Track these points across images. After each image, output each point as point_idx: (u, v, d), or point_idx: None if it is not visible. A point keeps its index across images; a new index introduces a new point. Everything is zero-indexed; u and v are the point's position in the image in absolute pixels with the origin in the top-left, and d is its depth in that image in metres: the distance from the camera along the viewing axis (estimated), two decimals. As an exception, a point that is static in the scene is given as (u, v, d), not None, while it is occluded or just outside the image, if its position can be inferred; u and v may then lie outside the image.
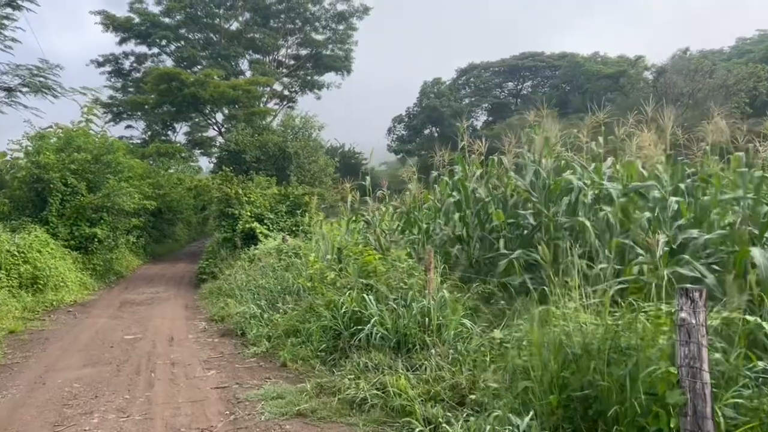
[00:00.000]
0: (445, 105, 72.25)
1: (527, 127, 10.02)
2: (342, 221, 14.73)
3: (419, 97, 76.90)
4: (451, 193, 9.76)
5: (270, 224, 18.70)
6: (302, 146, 30.25)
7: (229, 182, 19.37)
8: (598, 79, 62.96)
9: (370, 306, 7.52)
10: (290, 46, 53.49)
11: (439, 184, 11.20)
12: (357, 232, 13.15)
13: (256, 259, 15.48)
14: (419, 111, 76.02)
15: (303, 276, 11.08)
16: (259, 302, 11.07)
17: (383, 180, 13.40)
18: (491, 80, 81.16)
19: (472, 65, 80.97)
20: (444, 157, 11.51)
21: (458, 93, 78.37)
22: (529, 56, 79.08)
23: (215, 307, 12.79)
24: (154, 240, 28.68)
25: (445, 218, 9.90)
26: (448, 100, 73.59)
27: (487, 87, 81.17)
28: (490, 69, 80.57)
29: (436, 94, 75.33)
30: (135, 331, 11.14)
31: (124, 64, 47.80)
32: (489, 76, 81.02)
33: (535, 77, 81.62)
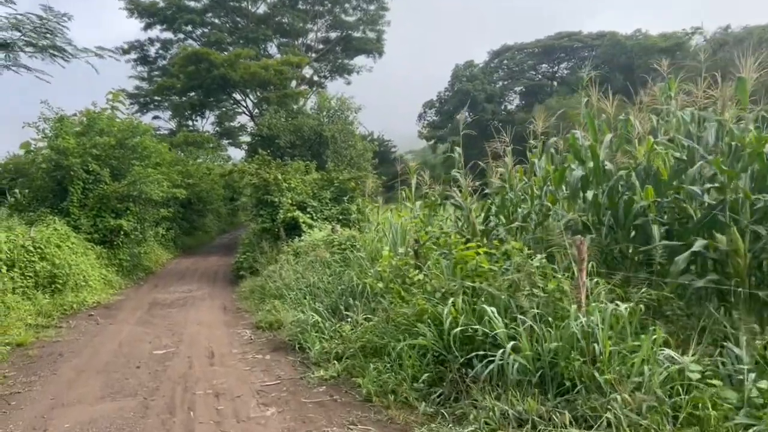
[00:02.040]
0: (478, 88, 69.53)
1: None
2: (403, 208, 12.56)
3: (451, 80, 74.34)
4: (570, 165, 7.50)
5: (313, 213, 16.62)
6: (339, 129, 28.11)
7: (267, 167, 17.32)
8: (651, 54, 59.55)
9: (494, 321, 5.33)
10: (319, 29, 51.46)
11: (544, 155, 8.87)
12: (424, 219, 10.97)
13: (302, 253, 13.42)
14: (451, 95, 73.37)
15: (370, 274, 8.95)
16: (316, 307, 8.97)
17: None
18: (525, 62, 78.09)
19: (506, 47, 77.95)
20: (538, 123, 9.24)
21: (491, 76, 75.58)
22: (566, 36, 75.81)
23: (260, 311, 10.75)
24: (184, 232, 26.90)
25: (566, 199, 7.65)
26: (481, 83, 70.83)
27: (521, 69, 78.13)
28: (524, 50, 77.48)
29: (469, 78, 72.66)
30: (166, 343, 9.14)
31: (149, 51, 46.25)
32: (523, 58, 77.96)
33: (571, 58, 78.31)
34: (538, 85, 76.57)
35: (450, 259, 7.33)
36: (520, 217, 8.36)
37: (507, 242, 7.03)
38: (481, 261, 6.78)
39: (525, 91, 77.23)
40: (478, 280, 6.77)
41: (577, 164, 7.44)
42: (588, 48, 74.94)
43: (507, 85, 77.06)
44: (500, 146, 8.92)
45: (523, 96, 77.00)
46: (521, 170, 9.05)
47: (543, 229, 7.80)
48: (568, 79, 74.47)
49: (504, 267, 6.43)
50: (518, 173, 9.06)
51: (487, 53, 78.08)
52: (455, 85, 72.63)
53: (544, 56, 77.32)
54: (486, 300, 5.95)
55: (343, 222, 15.92)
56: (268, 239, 16.04)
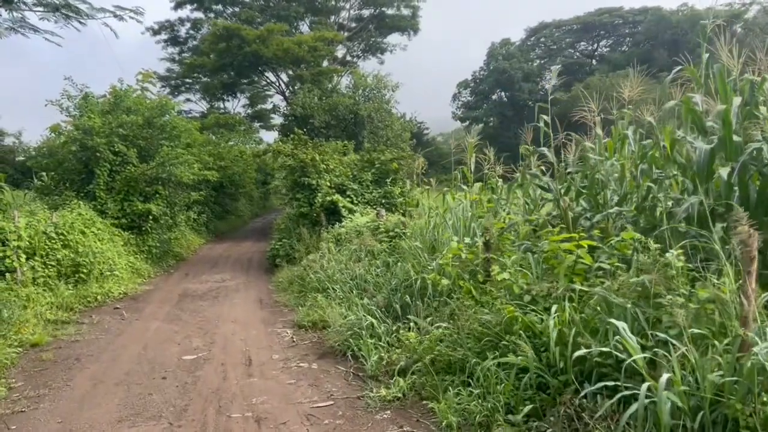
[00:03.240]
0: (515, 67, 67.21)
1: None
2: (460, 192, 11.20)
3: (487, 59, 72.08)
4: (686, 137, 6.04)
5: (354, 196, 15.37)
6: (375, 109, 26.77)
7: (304, 146, 16.09)
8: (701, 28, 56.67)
9: (627, 342, 3.98)
10: (352, 6, 49.92)
11: (630, 129, 7.42)
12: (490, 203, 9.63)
13: (344, 240, 12.21)
14: (486, 75, 71.17)
15: (430, 268, 7.67)
16: (368, 305, 7.73)
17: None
18: (563, 40, 75.42)
19: (543, 24, 75.34)
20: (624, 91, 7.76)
21: (528, 54, 73.14)
22: (606, 12, 72.81)
23: (301, 307, 9.58)
24: (216, 216, 25.94)
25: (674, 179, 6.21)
26: (518, 61, 68.46)
27: (558, 47, 75.51)
28: (562, 27, 74.78)
29: (505, 56, 70.27)
30: (197, 345, 8.01)
31: (179, 32, 45.32)
32: (561, 36, 75.32)
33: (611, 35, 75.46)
34: (578, 63, 73.83)
35: (538, 252, 6.00)
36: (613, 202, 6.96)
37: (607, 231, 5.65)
38: (582, 256, 5.44)
39: (563, 70, 74.49)
40: (577, 280, 5.44)
41: (696, 135, 6.01)
42: (630, 24, 72.01)
43: (544, 64, 74.48)
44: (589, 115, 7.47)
45: (561, 75, 74.33)
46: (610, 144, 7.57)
47: (646, 216, 6.40)
48: (609, 57, 71.71)
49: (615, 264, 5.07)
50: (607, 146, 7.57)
51: (524, 31, 75.67)
52: (491, 64, 70.35)
53: (583, 33, 74.59)
54: (601, 309, 4.61)
55: (387, 206, 14.64)
56: (306, 225, 14.85)
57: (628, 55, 68.17)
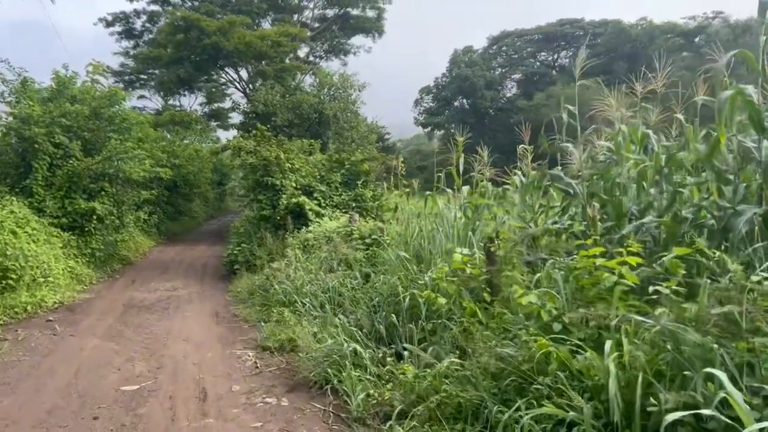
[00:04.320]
0: (478, 75, 67.02)
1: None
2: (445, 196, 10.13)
3: (449, 66, 71.71)
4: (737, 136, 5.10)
5: (322, 199, 14.17)
6: (341, 108, 25.60)
7: (268, 143, 14.81)
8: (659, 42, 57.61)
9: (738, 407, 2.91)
10: (315, 6, 48.71)
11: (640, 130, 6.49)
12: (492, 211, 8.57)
13: (312, 247, 11.02)
14: (449, 81, 70.82)
15: (421, 283, 6.56)
16: (347, 326, 6.57)
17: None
18: (524, 49, 75.76)
19: (505, 33, 75.59)
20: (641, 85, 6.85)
21: (490, 62, 73.16)
22: (567, 23, 73.50)
23: (265, 324, 8.34)
24: (168, 217, 24.27)
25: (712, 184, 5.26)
26: (481, 69, 68.30)
27: (520, 57, 75.84)
28: (524, 37, 75.11)
29: (467, 63, 70.02)
30: (141, 371, 6.70)
31: (135, 24, 43.14)
32: (522, 45, 75.62)
33: (571, 46, 76.04)
34: (538, 73, 74.22)
35: (564, 269, 4.96)
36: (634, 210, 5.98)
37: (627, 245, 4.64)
38: (625, 275, 4.41)
39: (524, 79, 74.89)
40: (620, 306, 4.41)
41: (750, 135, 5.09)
42: (590, 36, 72.70)
43: (505, 73, 74.72)
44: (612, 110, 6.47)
45: (522, 84, 74.62)
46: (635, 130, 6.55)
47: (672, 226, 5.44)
48: (569, 68, 72.28)
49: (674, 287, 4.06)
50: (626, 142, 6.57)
51: (487, 39, 75.66)
52: (453, 71, 69.99)
53: (544, 43, 75.02)
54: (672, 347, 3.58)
55: (358, 211, 13.49)
56: (269, 229, 13.57)
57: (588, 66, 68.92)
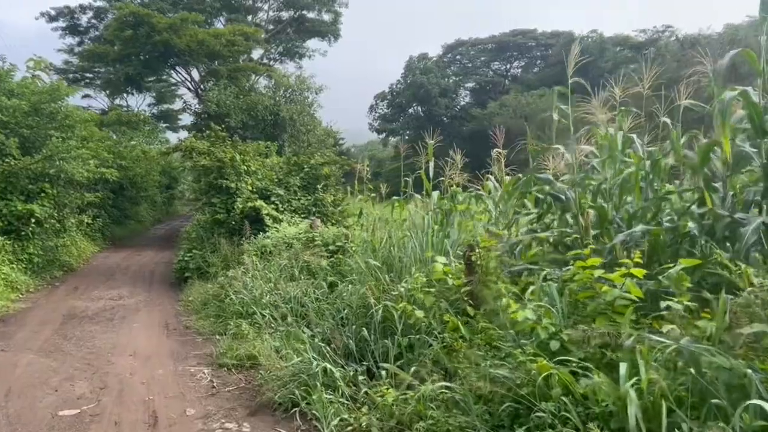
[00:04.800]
0: (432, 82, 67.25)
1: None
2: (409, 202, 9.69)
3: (404, 73, 71.71)
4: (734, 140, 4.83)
5: (279, 203, 13.55)
6: (298, 111, 24.98)
7: (223, 144, 14.11)
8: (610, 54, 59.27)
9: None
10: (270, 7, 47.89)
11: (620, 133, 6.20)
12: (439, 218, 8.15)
13: (271, 253, 10.43)
14: (404, 88, 70.85)
15: (395, 293, 6.08)
16: (316, 343, 6.03)
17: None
18: (478, 58, 76.56)
19: (460, 41, 76.23)
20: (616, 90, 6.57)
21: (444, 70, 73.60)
22: (520, 33, 74.64)
23: (221, 337, 7.72)
24: (113, 221, 23.07)
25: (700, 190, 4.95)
26: (435, 77, 68.57)
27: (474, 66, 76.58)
28: (478, 46, 75.95)
29: (422, 70, 70.17)
30: (82, 392, 6.01)
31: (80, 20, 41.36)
32: (476, 54, 76.40)
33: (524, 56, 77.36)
34: (492, 82, 75.15)
35: (559, 282, 4.57)
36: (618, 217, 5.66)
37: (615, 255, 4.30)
38: (630, 289, 4.05)
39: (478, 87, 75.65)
40: (620, 319, 4.05)
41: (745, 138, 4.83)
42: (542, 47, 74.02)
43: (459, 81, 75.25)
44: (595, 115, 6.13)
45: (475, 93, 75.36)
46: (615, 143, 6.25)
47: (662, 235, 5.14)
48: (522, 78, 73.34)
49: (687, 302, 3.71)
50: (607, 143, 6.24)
51: (441, 47, 76.16)
52: (408, 78, 70.04)
53: (497, 53, 76.01)
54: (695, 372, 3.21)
55: (318, 215, 12.94)
56: (223, 234, 12.87)
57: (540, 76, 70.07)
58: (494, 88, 73.62)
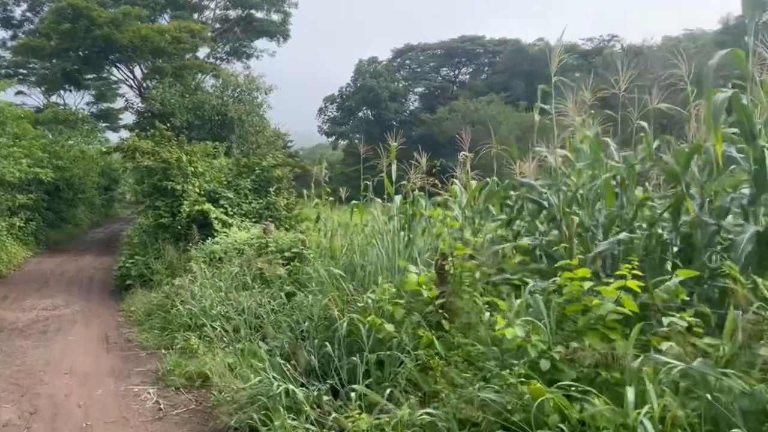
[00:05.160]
0: (382, 86, 67.11)
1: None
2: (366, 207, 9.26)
3: (354, 76, 71.32)
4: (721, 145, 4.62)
5: (229, 206, 12.92)
6: (247, 111, 24.24)
7: (168, 144, 13.38)
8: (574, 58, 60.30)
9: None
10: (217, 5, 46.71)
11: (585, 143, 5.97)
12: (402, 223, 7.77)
13: (221, 260, 9.84)
14: (354, 91, 70.45)
15: (360, 305, 5.65)
16: (276, 360, 5.54)
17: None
18: (427, 63, 76.91)
19: (409, 46, 76.41)
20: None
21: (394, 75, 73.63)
22: (468, 40, 75.40)
23: (168, 352, 7.12)
24: (48, 224, 21.76)
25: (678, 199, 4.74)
26: (385, 81, 68.49)
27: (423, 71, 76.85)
28: (427, 51, 76.38)
29: (372, 74, 69.95)
30: (9, 418, 5.34)
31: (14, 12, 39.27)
32: (425, 59, 76.76)
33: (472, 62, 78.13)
34: (440, 87, 75.62)
35: (544, 294, 4.25)
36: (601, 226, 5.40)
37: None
38: (625, 303, 3.75)
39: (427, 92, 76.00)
40: (616, 338, 3.75)
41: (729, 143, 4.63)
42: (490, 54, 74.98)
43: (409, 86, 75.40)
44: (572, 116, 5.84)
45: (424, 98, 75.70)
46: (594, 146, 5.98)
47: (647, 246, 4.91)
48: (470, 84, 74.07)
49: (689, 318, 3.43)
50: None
51: (391, 51, 76.17)
52: (358, 81, 69.72)
53: (446, 59, 76.54)
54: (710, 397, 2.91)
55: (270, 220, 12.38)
56: (168, 239, 12.15)
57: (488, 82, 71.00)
58: (443, 93, 74.10)
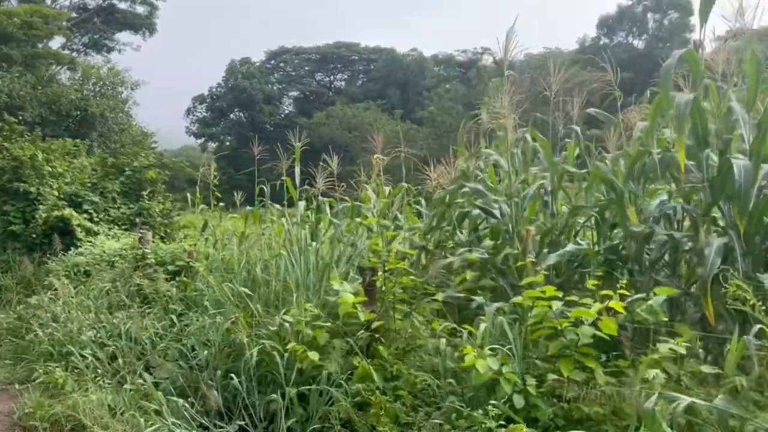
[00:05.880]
0: (256, 88, 65.27)
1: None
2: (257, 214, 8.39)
3: (225, 76, 68.74)
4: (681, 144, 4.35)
5: (95, 212, 11.39)
6: (110, 107, 22.14)
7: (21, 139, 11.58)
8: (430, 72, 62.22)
9: None
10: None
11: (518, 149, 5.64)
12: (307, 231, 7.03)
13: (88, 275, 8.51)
14: (225, 92, 67.93)
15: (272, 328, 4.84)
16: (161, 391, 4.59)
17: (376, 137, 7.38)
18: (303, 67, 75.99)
19: (284, 48, 75.08)
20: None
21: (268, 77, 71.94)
22: (344, 46, 75.53)
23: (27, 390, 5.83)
24: None
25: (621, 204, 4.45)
26: (259, 83, 66.66)
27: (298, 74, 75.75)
28: (302, 55, 75.44)
29: (245, 75, 67.82)
30: None
31: None
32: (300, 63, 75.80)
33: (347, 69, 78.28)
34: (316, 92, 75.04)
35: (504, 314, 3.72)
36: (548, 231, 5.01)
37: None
38: (607, 326, 3.30)
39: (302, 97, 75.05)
40: (591, 365, 3.29)
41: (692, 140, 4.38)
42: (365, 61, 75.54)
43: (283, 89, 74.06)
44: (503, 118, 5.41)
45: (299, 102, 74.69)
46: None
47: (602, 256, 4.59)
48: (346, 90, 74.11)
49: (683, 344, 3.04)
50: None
51: (265, 53, 74.33)
52: (230, 81, 67.29)
53: (321, 64, 76.22)
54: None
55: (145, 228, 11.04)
56: (20, 250, 10.44)
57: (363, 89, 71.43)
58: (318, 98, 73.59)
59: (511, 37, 5.03)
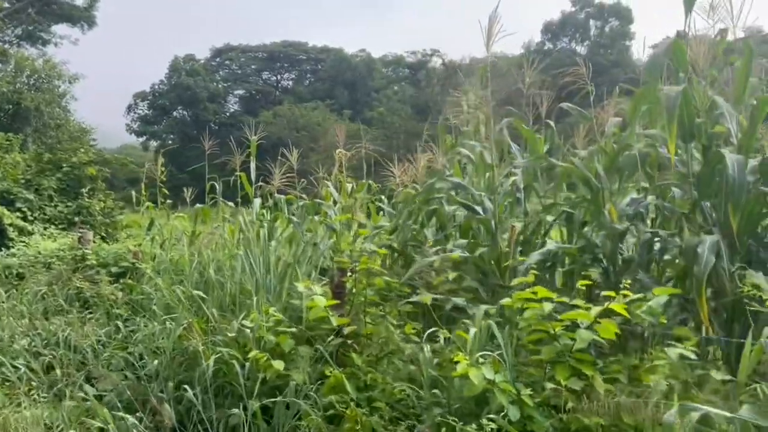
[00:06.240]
0: (200, 85, 63.66)
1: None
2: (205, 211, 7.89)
3: (168, 73, 66.78)
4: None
5: (29, 210, 10.63)
6: (46, 101, 21.00)
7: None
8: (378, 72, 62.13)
9: None
10: (6, -21, 40.75)
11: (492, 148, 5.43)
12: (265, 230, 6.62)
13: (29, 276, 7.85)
14: (168, 89, 65.99)
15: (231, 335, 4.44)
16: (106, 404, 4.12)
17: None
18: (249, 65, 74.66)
19: (229, 46, 73.66)
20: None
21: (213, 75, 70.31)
22: (291, 45, 74.60)
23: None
24: None
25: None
26: (203, 80, 65.06)
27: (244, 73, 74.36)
28: (248, 53, 74.16)
29: (189, 72, 66.05)
30: None
31: None
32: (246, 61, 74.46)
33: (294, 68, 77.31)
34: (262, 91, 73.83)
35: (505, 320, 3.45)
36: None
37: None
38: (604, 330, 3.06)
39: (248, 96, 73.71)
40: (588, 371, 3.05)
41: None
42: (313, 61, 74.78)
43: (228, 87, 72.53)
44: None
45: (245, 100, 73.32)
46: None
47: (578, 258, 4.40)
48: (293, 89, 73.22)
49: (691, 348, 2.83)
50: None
51: (210, 50, 72.71)
52: (173, 79, 65.36)
53: (268, 62, 75.14)
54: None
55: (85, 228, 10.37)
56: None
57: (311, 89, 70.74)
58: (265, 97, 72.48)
59: (494, 22, 4.75)
